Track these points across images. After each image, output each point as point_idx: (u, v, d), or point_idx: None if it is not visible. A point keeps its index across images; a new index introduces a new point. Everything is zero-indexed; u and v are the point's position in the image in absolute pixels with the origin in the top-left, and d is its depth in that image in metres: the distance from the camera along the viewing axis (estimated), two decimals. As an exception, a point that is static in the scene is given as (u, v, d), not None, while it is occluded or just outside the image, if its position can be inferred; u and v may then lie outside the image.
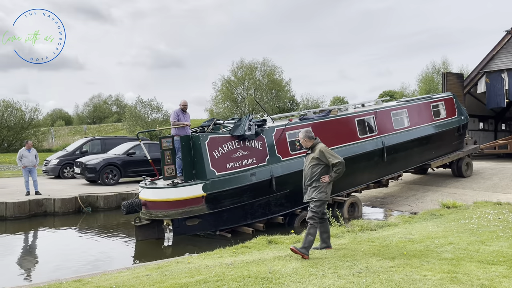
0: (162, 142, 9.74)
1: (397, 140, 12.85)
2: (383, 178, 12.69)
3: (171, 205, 9.14)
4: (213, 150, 9.35)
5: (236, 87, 56.80)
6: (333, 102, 62.78)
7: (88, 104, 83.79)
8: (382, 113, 12.87)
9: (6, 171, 22.92)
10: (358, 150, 11.69)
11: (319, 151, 6.09)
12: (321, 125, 11.29)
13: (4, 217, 11.90)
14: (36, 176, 13.58)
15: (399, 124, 13.26)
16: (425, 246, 6.34)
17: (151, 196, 9.42)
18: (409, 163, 13.67)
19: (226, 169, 9.46)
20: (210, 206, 9.24)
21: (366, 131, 12.21)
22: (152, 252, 8.75)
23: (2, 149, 43.02)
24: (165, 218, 9.21)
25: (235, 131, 9.68)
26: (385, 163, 12.40)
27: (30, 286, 5.09)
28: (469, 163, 15.97)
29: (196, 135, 9.47)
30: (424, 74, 56.08)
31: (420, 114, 14.13)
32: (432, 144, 14.22)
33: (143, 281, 4.95)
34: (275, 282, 4.66)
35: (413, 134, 13.46)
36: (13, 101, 46.32)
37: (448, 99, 15.49)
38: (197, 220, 9.22)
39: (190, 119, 10.57)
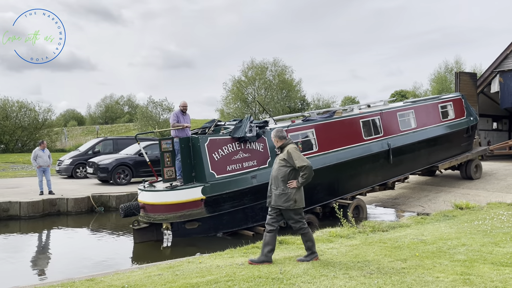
0: (161, 144, 9.61)
1: (404, 141, 12.61)
2: (388, 180, 12.47)
3: (170, 208, 9.01)
4: (213, 152, 9.22)
5: (247, 87, 56.85)
6: (344, 102, 62.51)
7: (100, 105, 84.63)
8: (388, 114, 12.64)
9: (20, 170, 23.24)
10: (362, 152, 11.48)
11: (287, 152, 5.65)
12: (325, 127, 11.10)
13: (18, 216, 12.09)
14: (50, 176, 13.76)
15: (405, 125, 13.03)
16: (438, 248, 6.28)
17: (149, 199, 9.29)
18: (416, 165, 13.43)
19: (226, 171, 9.32)
20: (209, 210, 9.11)
21: (372, 133, 11.99)
22: (151, 253, 8.61)
23: (16, 149, 43.65)
24: (163, 222, 9.07)
25: (235, 132, 9.53)
26: (391, 165, 12.17)
27: (44, 284, 5.16)
28: (478, 165, 15.60)
29: (196, 137, 9.33)
30: (437, 74, 55.50)
31: (428, 115, 13.85)
32: (440, 145, 13.94)
33: (154, 280, 4.99)
34: (286, 283, 4.66)
35: (420, 136, 13.19)
36: (27, 101, 47.00)
37: (457, 99, 15.19)
38: (197, 224, 9.12)
39: (190, 120, 10.43)
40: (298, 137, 10.45)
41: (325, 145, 10.82)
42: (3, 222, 11.71)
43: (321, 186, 10.58)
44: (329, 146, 10.91)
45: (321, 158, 10.62)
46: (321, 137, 10.79)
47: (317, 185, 10.40)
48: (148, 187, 9.56)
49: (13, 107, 45.85)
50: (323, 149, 10.78)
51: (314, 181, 10.49)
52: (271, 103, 54.37)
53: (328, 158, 10.75)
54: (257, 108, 55.02)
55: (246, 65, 56.34)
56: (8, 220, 11.86)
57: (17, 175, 20.36)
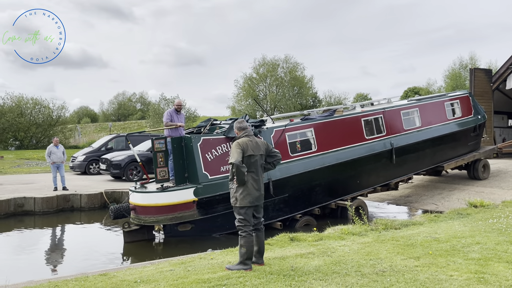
0: (154, 143, 9.33)
1: (407, 141, 12.26)
2: (391, 181, 12.11)
3: (161, 210, 8.75)
4: (206, 152, 8.97)
5: (258, 84, 56.81)
6: (356, 98, 62.10)
7: (113, 102, 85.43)
8: (391, 112, 12.27)
9: (35, 167, 23.57)
10: (364, 151, 11.16)
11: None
12: (324, 126, 10.79)
13: (33, 211, 12.27)
14: (63, 172, 13.93)
15: (410, 124, 12.66)
16: (452, 246, 6.20)
17: (140, 200, 9.04)
18: (420, 165, 13.03)
19: (220, 172, 9.06)
20: (202, 212, 8.87)
21: (374, 132, 11.66)
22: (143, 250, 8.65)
23: (30, 145, 44.28)
24: (154, 224, 8.91)
25: (229, 132, 9.23)
26: (394, 165, 11.81)
27: (58, 279, 5.22)
28: (486, 165, 15.19)
29: (188, 137, 9.09)
30: (451, 70, 54.79)
31: (433, 114, 13.46)
32: (446, 145, 13.56)
33: (166, 276, 5.02)
34: (298, 280, 4.64)
35: (425, 135, 12.83)
36: (41, 99, 47.64)
37: (464, 97, 14.77)
38: (190, 226, 8.88)
39: (184, 119, 10.20)
40: (297, 137, 10.17)
41: (324, 144, 10.55)
42: (18, 217, 11.91)
43: (320, 187, 10.40)
44: (328, 146, 10.63)
45: (320, 158, 10.38)
46: (320, 136, 10.52)
47: (315, 186, 10.29)
48: (139, 188, 9.29)
49: (27, 104, 46.51)
50: (322, 149, 10.50)
51: (313, 182, 10.39)
52: (283, 100, 54.29)
53: (328, 158, 10.48)
54: (268, 105, 54.95)
55: (258, 62, 56.32)
56: (23, 216, 12.05)
57: (31, 171, 20.65)
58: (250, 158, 5.26)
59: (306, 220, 10.16)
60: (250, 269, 5.10)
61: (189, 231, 8.92)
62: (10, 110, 44.51)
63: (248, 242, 5.17)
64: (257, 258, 5.34)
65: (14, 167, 23.08)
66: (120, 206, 9.42)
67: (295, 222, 10.01)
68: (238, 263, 5.19)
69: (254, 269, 5.13)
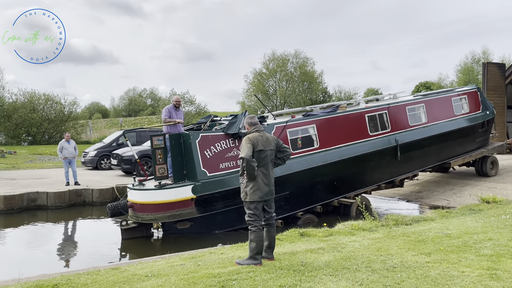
0: (153, 140, 9.21)
1: (413, 137, 11.98)
2: (396, 178, 11.86)
3: (158, 208, 8.67)
4: (205, 149, 8.84)
5: (268, 80, 56.74)
6: (367, 93, 61.68)
7: (124, 98, 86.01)
8: (396, 108, 11.97)
9: (47, 162, 23.86)
10: (367, 148, 10.94)
11: None
12: (327, 122, 10.58)
13: (45, 206, 12.44)
14: (75, 167, 14.07)
15: (415, 120, 12.38)
16: (463, 242, 6.14)
17: (138, 198, 8.96)
18: (426, 162, 12.74)
19: (219, 169, 8.94)
20: (200, 209, 8.76)
21: (378, 128, 11.40)
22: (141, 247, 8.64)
23: (43, 141, 44.80)
24: (151, 222, 8.82)
25: (229, 129, 9.15)
26: (399, 162, 11.56)
27: (70, 272, 5.29)
28: (494, 161, 14.88)
29: (187, 133, 8.97)
30: (463, 64, 54.19)
31: (440, 109, 13.13)
32: (453, 141, 13.23)
33: (177, 270, 5.05)
34: (308, 275, 4.64)
35: (431, 131, 12.52)
36: (53, 94, 48.13)
37: (472, 92, 14.42)
38: (188, 223, 8.80)
39: (183, 116, 10.07)
40: (298, 133, 10.03)
41: (326, 141, 10.38)
42: (31, 211, 12.08)
43: (322, 184, 10.25)
44: (331, 143, 10.46)
45: (322, 155, 10.21)
46: (323, 133, 10.35)
47: (317, 183, 10.15)
48: (137, 186, 9.20)
49: (39, 100, 47.03)
50: (325, 145, 10.33)
51: (314, 179, 10.27)
52: (292, 96, 54.16)
53: (330, 155, 10.30)
54: (278, 100, 54.86)
55: (267, 57, 56.24)
56: (36, 210, 12.22)
57: (44, 166, 20.91)
58: (260, 153, 5.27)
59: (308, 218, 10.01)
60: (260, 264, 5.11)
61: (188, 229, 8.84)
62: (23, 106, 45.06)
63: (258, 237, 5.18)
64: (267, 253, 5.35)
65: (27, 162, 23.39)
66: (117, 204, 9.32)
67: (297, 220, 9.88)
68: (248, 258, 5.21)
69: (264, 264, 5.14)
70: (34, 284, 4.61)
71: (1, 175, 16.79)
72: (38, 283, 4.62)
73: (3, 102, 45.87)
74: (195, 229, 8.87)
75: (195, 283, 4.45)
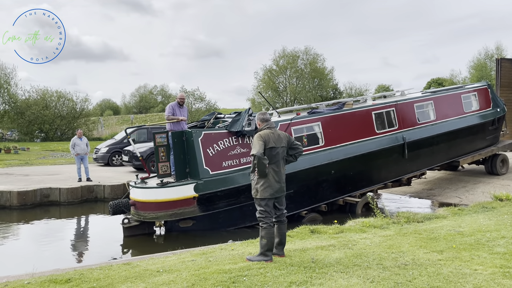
0: (156, 137, 9.15)
1: (421, 135, 11.81)
2: (403, 176, 11.68)
3: (160, 206, 8.59)
4: (208, 147, 8.75)
5: (278, 76, 56.60)
6: (378, 90, 61.25)
7: (135, 95, 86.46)
8: (404, 105, 11.82)
9: (60, 158, 24.12)
10: (374, 146, 10.80)
11: None
12: (332, 120, 10.45)
13: (58, 202, 12.59)
14: (87, 163, 14.22)
15: (423, 117, 12.19)
16: (476, 240, 6.08)
17: (140, 196, 8.92)
18: (434, 160, 12.53)
19: (221, 168, 8.83)
20: (202, 208, 8.66)
21: (385, 126, 11.25)
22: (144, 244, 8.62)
23: (55, 137, 45.30)
24: (153, 220, 8.77)
25: (232, 126, 9.04)
26: (406, 160, 11.39)
27: (83, 267, 5.35)
28: (504, 160, 14.59)
29: (189, 131, 8.87)
30: (476, 61, 53.39)
31: (449, 106, 12.90)
32: (462, 139, 13.02)
33: (188, 266, 5.08)
34: (318, 272, 4.64)
35: (440, 129, 12.32)
36: (65, 91, 48.62)
37: (482, 89, 14.15)
38: (191, 222, 8.73)
39: (187, 113, 9.98)
40: (303, 131, 9.93)
41: (332, 139, 10.27)
42: (44, 207, 12.24)
43: (327, 183, 10.13)
44: (336, 140, 10.33)
45: (327, 153, 10.10)
46: (328, 130, 10.24)
47: (322, 181, 10.03)
48: (139, 184, 9.14)
49: (52, 97, 47.51)
50: (330, 143, 10.22)
51: (319, 178, 10.14)
52: (303, 92, 53.99)
53: (335, 153, 10.19)
54: (288, 97, 54.73)
55: (278, 54, 56.09)
56: (49, 206, 12.38)
57: (56, 163, 21.15)
58: (271, 150, 5.26)
59: (312, 217, 9.92)
60: (270, 260, 5.12)
61: (190, 228, 8.79)
62: (36, 103, 45.57)
63: (269, 233, 5.18)
64: (278, 249, 5.35)
65: (40, 159, 23.68)
66: (119, 202, 9.26)
67: (301, 219, 9.79)
68: (259, 254, 5.22)
69: (275, 260, 5.14)
70: (48, 278, 4.68)
71: (14, 171, 17.03)
72: (51, 278, 4.69)
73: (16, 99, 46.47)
74: (198, 227, 8.82)
75: (206, 278, 4.47)
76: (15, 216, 11.26)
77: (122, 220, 9.05)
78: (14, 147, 28.59)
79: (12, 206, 11.94)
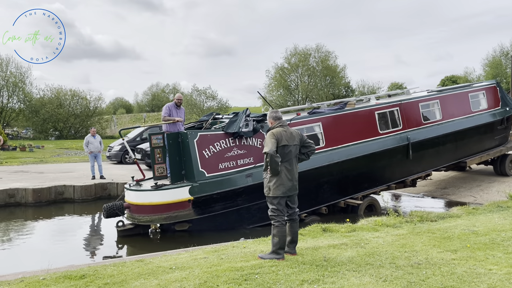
0: (152, 139, 8.95)
1: (426, 135, 11.48)
2: (407, 178, 11.35)
3: (155, 209, 8.41)
4: (203, 149, 8.54)
5: (290, 74, 56.46)
6: (390, 88, 60.72)
7: (147, 93, 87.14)
8: (409, 105, 11.49)
9: (74, 156, 24.42)
10: (376, 147, 10.51)
11: None
12: (334, 120, 10.20)
13: (72, 199, 12.77)
14: (101, 161, 14.37)
15: (429, 117, 11.88)
16: (491, 239, 6.00)
17: (134, 198, 8.71)
18: (440, 161, 12.18)
19: (218, 170, 8.63)
20: (198, 211, 8.46)
21: (389, 126, 10.96)
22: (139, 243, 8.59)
23: (69, 135, 45.88)
24: (148, 223, 8.59)
25: (229, 127, 8.83)
26: (410, 161, 11.09)
27: (97, 264, 5.42)
28: None
29: (185, 132, 8.67)
30: (491, 58, 52.61)
31: (456, 106, 12.54)
32: (469, 139, 12.67)
33: (200, 263, 5.11)
34: (330, 270, 4.62)
35: (446, 129, 11.97)
36: (79, 90, 49.19)
37: (491, 87, 13.77)
38: (187, 225, 8.54)
39: (184, 115, 9.83)
40: (303, 132, 9.63)
41: (333, 140, 10.01)
42: (59, 204, 12.42)
43: (328, 184, 9.90)
44: (338, 141, 10.08)
45: (328, 154, 9.83)
46: (329, 131, 9.98)
47: (323, 183, 9.80)
48: (134, 186, 8.91)
49: (66, 96, 48.11)
50: (331, 144, 9.96)
51: (320, 180, 9.91)
52: (314, 90, 53.79)
53: (336, 155, 9.93)
54: (300, 95, 54.57)
55: (289, 52, 55.97)
56: (63, 203, 12.56)
57: (70, 161, 21.42)
58: (284, 148, 5.25)
59: (312, 220, 9.66)
60: (282, 258, 5.12)
61: (187, 231, 8.61)
62: (50, 102, 46.21)
63: (281, 232, 5.18)
64: (290, 248, 5.35)
65: (54, 156, 24.01)
66: (113, 204, 9.05)
67: (300, 221, 9.56)
68: (271, 252, 5.22)
69: (287, 258, 5.14)
70: (62, 274, 4.74)
71: (29, 169, 17.30)
72: (66, 274, 4.75)
73: (31, 98, 47.16)
74: (195, 230, 8.65)
75: (218, 276, 4.49)
76: (30, 213, 11.44)
77: (117, 223, 8.88)
78: (29, 145, 29.02)
79: (28, 203, 12.14)
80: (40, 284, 4.44)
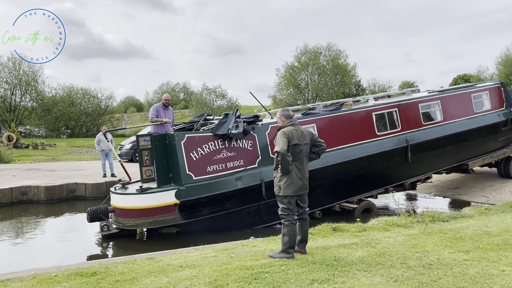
0: (139, 140, 8.71)
1: (426, 137, 11.14)
2: (406, 181, 11.05)
3: (140, 213, 8.16)
4: (191, 151, 8.30)
5: (300, 73, 56.30)
6: (401, 87, 60.25)
7: (158, 92, 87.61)
8: (408, 106, 11.16)
9: (85, 154, 24.66)
10: (374, 149, 10.24)
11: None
12: (329, 121, 9.96)
13: (83, 197, 12.89)
14: (112, 159, 14.49)
15: (429, 118, 11.55)
16: (504, 240, 5.92)
17: (119, 202, 8.51)
18: (441, 163, 11.84)
19: (206, 172, 8.38)
20: (185, 216, 8.23)
21: (387, 127, 10.67)
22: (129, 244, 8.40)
23: (81, 134, 46.33)
24: (133, 228, 8.34)
25: (218, 129, 8.61)
26: (409, 163, 10.79)
27: (108, 261, 5.47)
28: None
29: (171, 134, 8.44)
30: (504, 56, 51.84)
31: (457, 106, 12.15)
32: (472, 141, 12.29)
33: (210, 261, 5.12)
34: (341, 270, 4.60)
35: (447, 130, 11.59)
36: (90, 89, 49.65)
37: (495, 88, 13.37)
38: (175, 229, 8.38)
39: (173, 115, 9.64)
40: None
41: (328, 142, 9.59)
42: (71, 202, 12.55)
43: (322, 188, 9.63)
44: (333, 143, 9.76)
45: (322, 156, 9.68)
46: (324, 133, 9.65)
47: (316, 187, 9.33)
48: (119, 189, 8.73)
49: (77, 94, 48.59)
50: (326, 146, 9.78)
51: (313, 183, 9.65)
52: (325, 89, 53.58)
53: (331, 157, 9.64)
54: (310, 94, 54.39)
55: (299, 51, 55.82)
56: (75, 200, 12.69)
57: (82, 159, 21.63)
58: (295, 147, 5.24)
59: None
60: (292, 257, 5.11)
61: (175, 235, 8.45)
62: (62, 100, 46.71)
63: (291, 231, 5.17)
64: (300, 247, 5.33)
65: (66, 155, 24.26)
66: (97, 208, 8.76)
67: None
68: (281, 252, 5.21)
69: (297, 257, 5.13)
70: (74, 271, 4.79)
71: (42, 167, 17.51)
72: (78, 271, 4.80)
73: (44, 97, 47.68)
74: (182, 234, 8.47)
75: (228, 274, 4.50)
76: (42, 210, 11.58)
77: (101, 228, 8.60)
78: (42, 143, 29.37)
79: (40, 200, 12.29)
80: (52, 280, 4.49)
